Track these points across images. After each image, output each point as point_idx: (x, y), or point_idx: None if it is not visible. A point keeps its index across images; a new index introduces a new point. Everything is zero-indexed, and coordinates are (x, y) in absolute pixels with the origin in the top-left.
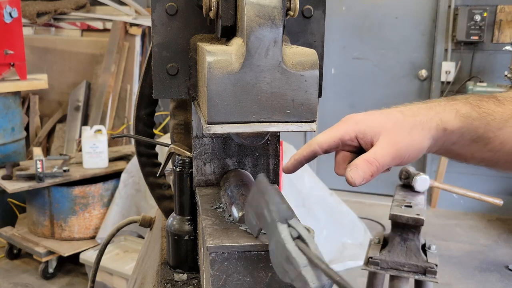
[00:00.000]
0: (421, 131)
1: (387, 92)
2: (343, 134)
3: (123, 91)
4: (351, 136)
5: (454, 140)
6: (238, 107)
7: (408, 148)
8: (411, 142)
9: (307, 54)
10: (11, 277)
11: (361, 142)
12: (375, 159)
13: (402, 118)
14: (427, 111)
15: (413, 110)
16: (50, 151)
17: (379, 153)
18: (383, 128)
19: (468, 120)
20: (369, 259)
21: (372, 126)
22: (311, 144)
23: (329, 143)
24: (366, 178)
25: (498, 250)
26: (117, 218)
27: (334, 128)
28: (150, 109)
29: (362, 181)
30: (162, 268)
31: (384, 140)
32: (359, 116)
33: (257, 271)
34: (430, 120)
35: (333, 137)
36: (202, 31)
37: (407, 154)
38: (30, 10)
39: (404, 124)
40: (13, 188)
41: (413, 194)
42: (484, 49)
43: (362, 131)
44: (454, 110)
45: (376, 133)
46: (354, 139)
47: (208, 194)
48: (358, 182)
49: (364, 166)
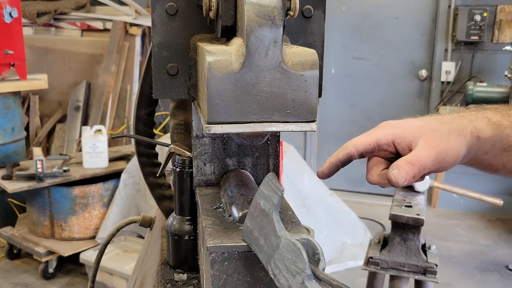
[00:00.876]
0: (458, 137)
1: (387, 92)
2: (380, 137)
3: (123, 91)
4: (388, 140)
5: (486, 149)
6: (238, 107)
7: (447, 152)
8: (450, 147)
9: (307, 54)
10: (11, 277)
11: (399, 147)
12: (417, 160)
13: (439, 124)
14: (461, 119)
15: (447, 118)
16: (50, 151)
17: (420, 155)
18: (422, 132)
19: (500, 128)
20: (369, 259)
21: (411, 131)
22: (347, 147)
23: (366, 146)
24: (408, 179)
25: (498, 250)
26: (117, 218)
27: (371, 132)
28: (150, 109)
29: (405, 182)
30: (162, 268)
31: (424, 143)
32: (396, 122)
33: (257, 271)
34: (465, 127)
35: (369, 140)
36: (202, 31)
37: (447, 159)
38: (30, 10)
39: (442, 130)
40: (13, 188)
41: (413, 194)
42: (484, 49)
43: (400, 136)
44: (486, 119)
45: (415, 137)
46: (391, 144)
47: (208, 194)
48: (401, 182)
49: (406, 167)
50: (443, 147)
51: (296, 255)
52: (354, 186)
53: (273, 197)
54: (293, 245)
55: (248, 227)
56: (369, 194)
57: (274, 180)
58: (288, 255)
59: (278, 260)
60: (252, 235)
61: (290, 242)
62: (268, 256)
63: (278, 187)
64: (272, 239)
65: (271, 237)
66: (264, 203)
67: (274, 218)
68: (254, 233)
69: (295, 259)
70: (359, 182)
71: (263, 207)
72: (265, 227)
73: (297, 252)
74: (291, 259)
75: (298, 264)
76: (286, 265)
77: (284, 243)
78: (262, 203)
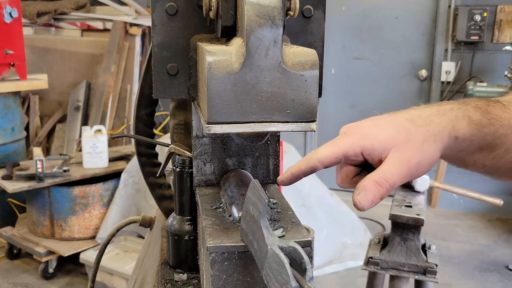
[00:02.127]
0: (434, 143)
1: (387, 92)
2: (346, 149)
3: (123, 91)
4: (356, 151)
5: (462, 147)
6: (238, 107)
7: (420, 163)
8: (424, 156)
9: (307, 54)
10: (11, 277)
11: (368, 158)
12: (386, 180)
13: (413, 129)
14: (440, 118)
15: (424, 117)
16: (50, 151)
17: (389, 173)
18: (393, 143)
19: (479, 128)
20: (369, 259)
21: (380, 141)
22: (311, 159)
23: (331, 159)
24: (375, 201)
25: (498, 250)
26: (117, 218)
27: (337, 142)
28: (150, 109)
29: (371, 205)
30: (162, 268)
31: (395, 157)
32: (364, 127)
33: (257, 271)
34: (443, 129)
35: (335, 152)
36: (202, 31)
37: (420, 169)
38: (30, 10)
39: (416, 137)
40: (13, 188)
41: (413, 194)
42: (484, 49)
43: (369, 147)
44: (466, 117)
45: (385, 149)
46: (359, 155)
47: (208, 194)
48: (366, 207)
49: (374, 188)
50: (416, 160)
51: (281, 266)
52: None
53: (258, 204)
54: (277, 256)
55: (244, 230)
56: None
57: (258, 188)
58: (275, 265)
59: (268, 268)
60: (247, 238)
61: (275, 253)
62: (261, 261)
63: (261, 195)
64: (262, 246)
65: (262, 243)
66: (252, 208)
67: (262, 225)
68: (248, 236)
69: (280, 271)
70: None
71: (252, 213)
72: (256, 233)
73: (281, 264)
74: (277, 269)
75: (283, 276)
76: (274, 275)
77: (270, 253)
78: (251, 208)
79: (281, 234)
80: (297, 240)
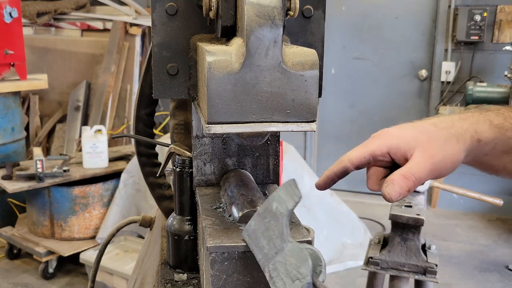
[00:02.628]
0: (456, 143)
1: (387, 92)
2: (374, 149)
3: (123, 91)
4: (383, 151)
5: (486, 151)
6: (238, 107)
7: (444, 161)
8: (447, 155)
9: (307, 54)
10: (11, 277)
11: (394, 157)
12: (412, 174)
13: (436, 131)
14: (461, 123)
15: (446, 122)
16: (50, 151)
17: (415, 168)
18: (418, 142)
19: (502, 131)
20: (369, 259)
21: (406, 141)
22: (342, 161)
23: (360, 159)
24: (402, 194)
25: (498, 250)
26: (117, 218)
27: (365, 144)
28: (150, 109)
29: (399, 197)
30: (162, 268)
31: (419, 154)
32: (391, 131)
33: (257, 271)
34: (464, 132)
35: (364, 153)
36: (202, 31)
37: (444, 167)
38: (30, 10)
39: (439, 137)
40: (13, 188)
41: (413, 194)
42: (484, 49)
43: (395, 146)
44: (487, 121)
45: (410, 148)
46: (386, 155)
47: (208, 194)
48: (395, 198)
49: (401, 181)
50: (440, 157)
51: (302, 261)
52: (354, 186)
53: (288, 202)
54: (300, 251)
55: (251, 227)
56: (369, 194)
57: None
58: (292, 259)
59: (279, 263)
60: (254, 235)
61: (298, 248)
62: (267, 257)
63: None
64: (276, 242)
65: (276, 240)
66: (277, 206)
67: (284, 222)
68: (257, 233)
69: (299, 265)
70: (359, 182)
71: (274, 210)
72: (271, 230)
73: (303, 259)
74: (294, 264)
75: (301, 270)
76: (287, 269)
77: (290, 248)
78: (275, 206)
79: None
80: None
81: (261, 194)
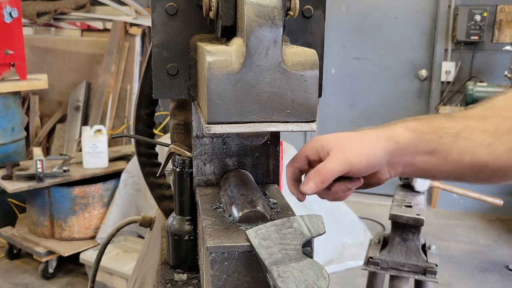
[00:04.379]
0: (372, 141)
1: (387, 92)
2: (306, 150)
3: (123, 91)
4: (313, 152)
5: (409, 151)
6: (238, 107)
7: (356, 154)
8: (360, 149)
9: (307, 54)
10: (11, 277)
11: (322, 157)
12: (323, 167)
13: (357, 134)
14: (381, 129)
15: (368, 129)
16: (50, 151)
17: (327, 161)
18: (338, 141)
19: (418, 133)
20: (369, 259)
21: (328, 141)
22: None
23: (299, 161)
24: (318, 187)
25: (498, 250)
26: (117, 218)
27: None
28: (150, 109)
29: (315, 190)
30: (162, 268)
31: (335, 150)
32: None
33: (257, 271)
34: (382, 134)
35: (300, 154)
36: (202, 31)
37: (356, 161)
38: (30, 10)
39: (357, 136)
40: (13, 188)
41: (413, 194)
42: (484, 49)
43: (320, 146)
44: (403, 126)
45: (330, 147)
46: (316, 155)
47: (208, 194)
48: (310, 192)
49: (313, 176)
50: (352, 151)
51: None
52: None
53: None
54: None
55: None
56: (369, 194)
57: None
58: (310, 271)
59: (294, 269)
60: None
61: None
62: (277, 261)
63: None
64: (291, 253)
65: (291, 252)
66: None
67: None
68: (269, 239)
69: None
70: None
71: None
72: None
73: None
74: (312, 275)
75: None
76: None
77: (309, 262)
78: (296, 226)
79: None
80: None
81: (261, 194)
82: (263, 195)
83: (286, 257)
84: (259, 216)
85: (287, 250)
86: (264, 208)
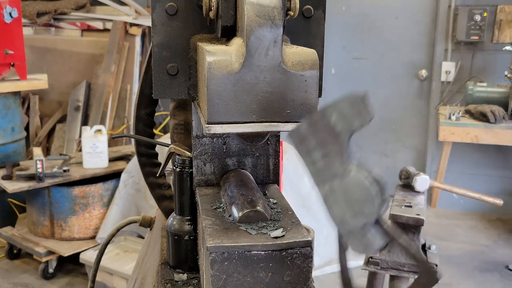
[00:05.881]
0: None
1: (387, 92)
2: None
3: (123, 91)
4: None
5: None
6: (238, 107)
7: None
8: None
9: (307, 54)
10: (11, 277)
11: None
12: None
13: None
14: None
15: None
16: (50, 151)
17: None
18: None
19: None
20: (369, 259)
21: None
22: None
23: None
24: None
25: (498, 250)
26: (117, 218)
27: None
28: (150, 109)
29: None
30: (162, 268)
31: None
32: None
33: (257, 271)
34: None
35: None
36: (202, 31)
37: None
38: (30, 10)
39: None
40: (13, 188)
41: (413, 194)
42: (484, 49)
43: None
44: None
45: None
46: None
47: (208, 194)
48: None
49: None
50: None
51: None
52: None
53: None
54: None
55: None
56: None
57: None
58: (357, 191)
59: (340, 190)
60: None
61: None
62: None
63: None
64: (336, 165)
65: (336, 162)
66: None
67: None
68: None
69: (363, 200)
70: None
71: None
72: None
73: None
74: (358, 197)
75: (366, 207)
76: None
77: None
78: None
79: (281, 234)
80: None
81: (261, 194)
82: (263, 195)
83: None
84: (259, 216)
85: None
86: (264, 208)
